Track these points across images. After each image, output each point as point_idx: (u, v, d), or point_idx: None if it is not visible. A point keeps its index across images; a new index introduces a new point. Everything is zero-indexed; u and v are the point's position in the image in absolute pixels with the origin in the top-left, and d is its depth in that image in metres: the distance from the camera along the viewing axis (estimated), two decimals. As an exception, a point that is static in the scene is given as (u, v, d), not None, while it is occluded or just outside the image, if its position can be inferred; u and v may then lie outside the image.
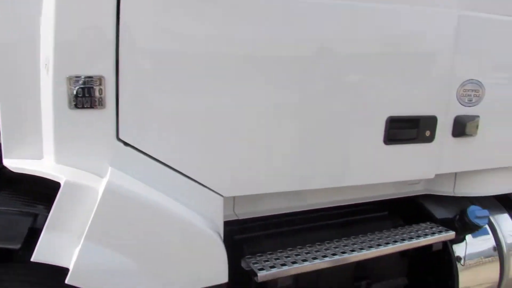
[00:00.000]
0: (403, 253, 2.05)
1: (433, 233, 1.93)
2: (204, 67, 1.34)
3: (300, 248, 1.73)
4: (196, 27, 1.31)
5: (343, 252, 1.70)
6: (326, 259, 1.64)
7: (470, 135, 1.87)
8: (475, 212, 1.98)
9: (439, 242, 1.94)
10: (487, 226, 2.24)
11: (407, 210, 2.24)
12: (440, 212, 2.16)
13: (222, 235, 1.50)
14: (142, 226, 1.32)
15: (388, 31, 1.61)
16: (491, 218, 2.30)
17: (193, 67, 1.33)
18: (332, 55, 1.52)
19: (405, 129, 1.71)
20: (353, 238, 1.85)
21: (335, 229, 1.96)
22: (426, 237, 1.88)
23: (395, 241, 1.82)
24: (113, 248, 1.29)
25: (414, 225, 2.02)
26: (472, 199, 2.34)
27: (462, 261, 2.07)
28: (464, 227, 2.02)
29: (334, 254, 1.68)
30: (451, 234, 1.94)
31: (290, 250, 1.71)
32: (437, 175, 2.07)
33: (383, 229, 2.00)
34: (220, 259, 1.44)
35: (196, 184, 1.43)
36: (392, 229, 1.98)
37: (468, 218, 1.98)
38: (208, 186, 1.45)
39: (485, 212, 1.99)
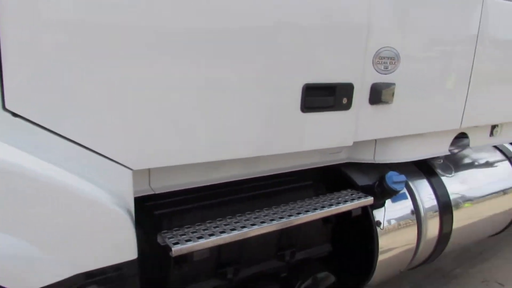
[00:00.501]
0: (326, 220, 2.10)
1: (353, 199, 1.98)
2: (102, 36, 1.23)
3: (219, 220, 1.70)
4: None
5: (262, 222, 1.70)
6: (244, 229, 1.63)
7: (386, 102, 1.91)
8: (392, 177, 2.05)
9: (358, 208, 1.99)
10: (405, 191, 2.35)
11: (331, 178, 2.29)
12: (361, 179, 2.22)
13: (132, 211, 1.43)
14: (38, 205, 1.21)
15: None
16: (410, 184, 2.41)
17: (89, 36, 1.21)
18: (244, 22, 1.46)
19: (322, 97, 1.70)
20: (274, 207, 1.85)
21: (258, 200, 1.95)
22: (345, 204, 1.93)
23: (315, 209, 1.84)
24: (8, 233, 1.17)
25: (335, 193, 2.06)
26: (393, 166, 2.44)
27: (381, 225, 2.15)
28: (383, 192, 2.09)
29: (253, 225, 1.67)
30: (369, 200, 2.00)
31: (209, 223, 1.67)
32: (357, 143, 2.12)
33: (308, 197, 2.02)
34: (128, 236, 1.37)
35: (100, 156, 1.33)
36: (314, 197, 2.00)
37: (386, 183, 2.05)
38: (113, 158, 1.35)
39: (402, 177, 2.07)
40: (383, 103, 1.90)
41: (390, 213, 2.23)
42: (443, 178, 2.55)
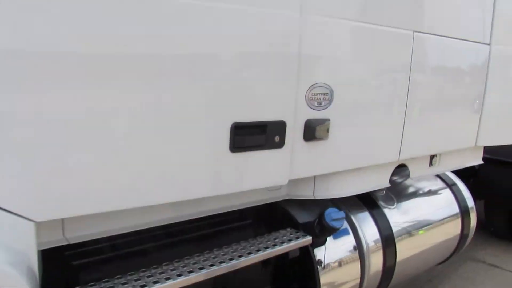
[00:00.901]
0: (266, 262, 2.00)
1: (290, 240, 1.89)
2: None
3: (143, 271, 1.56)
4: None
5: (191, 271, 1.57)
6: (169, 282, 1.50)
7: (321, 138, 1.86)
8: (331, 214, 2.00)
9: (296, 249, 1.90)
10: (347, 227, 2.30)
11: (273, 216, 2.21)
12: (302, 216, 2.16)
13: (35, 267, 1.27)
14: None
15: (230, 32, 1.52)
16: (352, 218, 2.37)
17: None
18: (163, 55, 1.37)
19: (253, 136, 1.63)
20: (206, 253, 1.73)
21: (191, 244, 1.83)
22: (282, 246, 1.84)
23: (249, 253, 1.74)
24: None
25: (273, 233, 1.98)
26: (336, 201, 2.40)
27: (322, 264, 2.08)
28: (322, 230, 2.03)
29: (179, 275, 1.54)
30: (307, 240, 1.93)
31: (131, 275, 1.53)
32: (296, 180, 2.06)
33: (247, 238, 1.93)
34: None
35: (-6, 209, 1.18)
36: (249, 240, 1.90)
37: (325, 221, 1.99)
38: (9, 209, 1.20)
39: (341, 214, 2.02)
40: (318, 139, 1.86)
41: (331, 250, 2.17)
42: (385, 210, 2.54)
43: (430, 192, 2.99)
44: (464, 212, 3.04)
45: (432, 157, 2.74)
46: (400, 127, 2.27)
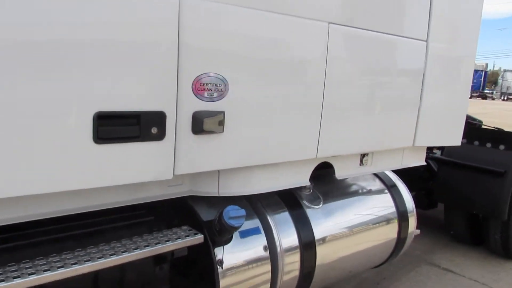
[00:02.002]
0: (161, 260, 1.90)
1: (178, 238, 1.78)
2: None
3: (24, 263, 1.47)
4: None
5: (60, 267, 1.47)
6: (47, 273, 1.41)
7: (213, 131, 1.76)
8: (229, 212, 1.89)
9: (183, 248, 1.79)
10: (259, 226, 2.19)
11: (178, 213, 2.10)
12: (207, 214, 2.05)
13: None
14: None
15: (96, 16, 1.41)
16: (269, 217, 2.26)
17: None
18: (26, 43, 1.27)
19: (122, 126, 1.52)
20: (90, 248, 1.63)
21: (85, 239, 1.74)
22: (165, 244, 1.73)
23: (125, 251, 1.63)
24: None
25: (165, 230, 1.86)
26: (255, 199, 2.29)
27: (223, 264, 1.96)
28: (221, 229, 1.91)
29: (46, 270, 1.44)
30: (197, 238, 1.82)
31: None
32: (199, 175, 1.96)
33: (142, 234, 1.82)
34: None
35: None
36: (142, 236, 1.80)
37: (223, 219, 1.88)
38: None
39: (240, 212, 1.91)
40: (209, 132, 1.75)
41: (237, 250, 2.06)
42: (308, 210, 2.43)
43: (365, 193, 2.88)
44: (402, 215, 2.93)
45: (363, 156, 2.63)
46: (316, 124, 2.16)
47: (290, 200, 2.41)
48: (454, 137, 3.04)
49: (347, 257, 2.58)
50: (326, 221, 2.48)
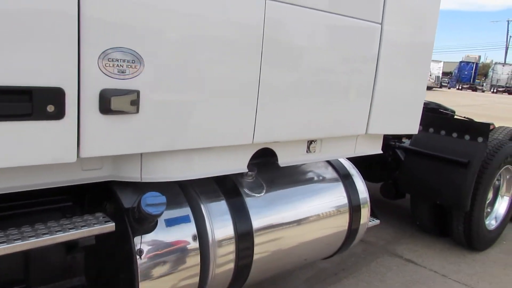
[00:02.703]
0: (73, 249, 1.77)
1: (84, 226, 1.65)
2: None
3: None
4: None
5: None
6: None
7: (124, 112, 1.61)
8: (146, 199, 1.76)
9: (90, 237, 1.66)
10: (190, 213, 2.07)
11: (102, 199, 1.97)
12: (131, 200, 1.91)
13: None
14: None
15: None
16: (202, 205, 2.14)
17: None
18: None
19: (11, 103, 1.37)
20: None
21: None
22: (69, 232, 1.59)
23: (18, 239, 1.49)
24: None
25: (75, 217, 1.73)
26: (189, 185, 2.16)
27: (142, 254, 1.84)
28: (140, 216, 1.79)
29: None
30: (106, 227, 1.69)
31: None
32: (119, 158, 1.83)
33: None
34: None
35: None
36: (46, 222, 1.66)
37: (141, 206, 1.75)
38: None
39: (159, 199, 1.78)
40: (119, 113, 1.60)
41: (162, 239, 1.93)
42: (248, 199, 2.31)
43: (314, 181, 2.77)
44: (354, 205, 2.82)
45: (310, 142, 2.51)
46: (252, 107, 2.03)
47: (228, 188, 2.29)
48: (410, 125, 2.93)
49: (289, 248, 2.48)
50: (267, 210, 2.37)
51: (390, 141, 4.51)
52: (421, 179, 4.18)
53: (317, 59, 2.28)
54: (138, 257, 1.84)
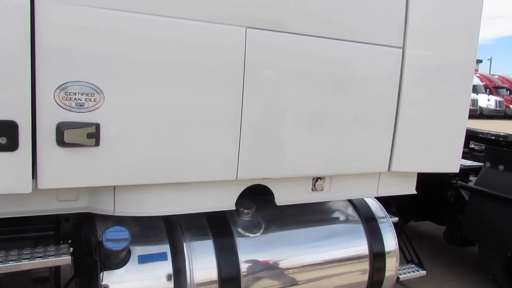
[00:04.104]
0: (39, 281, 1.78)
1: (41, 257, 1.65)
2: None
3: None
4: None
5: None
6: None
7: (81, 144, 1.61)
8: (107, 234, 1.72)
9: (44, 269, 1.65)
10: (168, 251, 1.98)
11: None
12: (106, 233, 1.89)
13: None
14: None
15: None
16: (185, 244, 2.04)
17: None
18: None
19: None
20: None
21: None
22: (21, 262, 1.61)
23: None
24: None
25: (41, 247, 1.75)
26: (176, 220, 2.09)
27: (108, 292, 1.79)
28: (102, 251, 1.75)
29: None
30: (60, 260, 1.67)
31: None
32: (95, 190, 1.83)
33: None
34: None
35: None
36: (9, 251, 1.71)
37: (102, 240, 1.72)
38: None
39: (122, 235, 1.74)
40: (76, 145, 1.61)
41: (132, 276, 1.87)
42: (239, 239, 2.15)
43: (326, 223, 2.48)
44: (376, 254, 2.47)
45: (316, 180, 2.28)
46: (233, 140, 1.91)
47: (219, 225, 2.16)
48: (448, 162, 2.52)
49: None
50: (261, 254, 2.17)
51: (451, 179, 3.96)
52: (488, 225, 3.56)
53: (320, 88, 2.09)
54: (103, 294, 1.81)
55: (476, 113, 26.72)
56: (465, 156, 4.69)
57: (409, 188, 2.61)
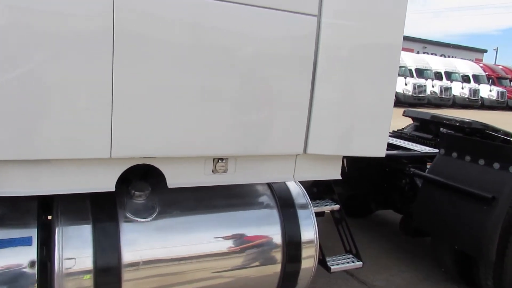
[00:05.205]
0: None
1: None
2: None
3: None
4: None
5: None
6: None
7: None
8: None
9: None
10: (34, 235, 1.79)
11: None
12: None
13: None
14: None
15: None
16: (57, 226, 1.83)
17: None
18: None
19: None
20: None
21: None
22: None
23: None
24: None
25: None
26: (54, 199, 1.89)
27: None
28: None
29: None
30: None
31: None
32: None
33: None
34: None
35: None
36: None
37: None
38: None
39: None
40: None
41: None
42: (125, 224, 1.94)
43: (234, 207, 2.26)
44: (290, 244, 2.26)
45: (217, 161, 2.06)
46: (103, 114, 1.68)
47: (102, 208, 1.95)
48: (373, 146, 2.29)
49: None
50: (150, 241, 1.97)
51: (405, 166, 3.75)
52: (438, 216, 3.35)
53: (211, 59, 1.85)
54: None
55: (477, 104, 26.24)
56: (428, 143, 4.48)
57: (333, 172, 2.39)
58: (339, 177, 2.42)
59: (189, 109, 1.85)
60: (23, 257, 1.73)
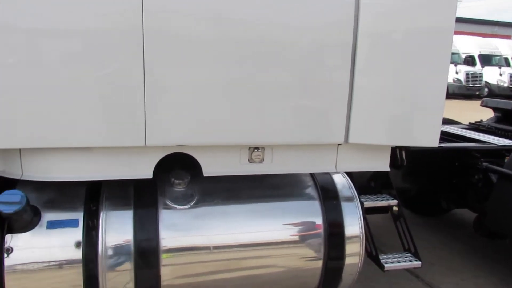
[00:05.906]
0: None
1: None
2: None
3: None
4: None
5: None
6: None
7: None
8: (1, 197, 1.69)
9: None
10: (80, 218, 1.92)
11: None
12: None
13: None
14: None
15: None
16: (101, 211, 1.96)
17: None
18: None
19: None
20: None
21: None
22: None
23: None
24: None
25: None
26: (102, 185, 2.03)
27: (11, 252, 1.78)
28: (-1, 214, 1.74)
29: None
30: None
31: None
32: (5, 154, 1.82)
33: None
34: None
35: None
36: None
37: (-6, 204, 1.70)
38: None
39: (14, 198, 1.70)
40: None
41: (37, 241, 1.84)
42: (164, 211, 2.01)
43: (276, 199, 2.21)
44: (332, 238, 2.16)
45: (252, 150, 2.03)
46: (137, 104, 1.76)
47: (144, 195, 2.04)
48: (424, 136, 2.10)
49: (214, 281, 2.04)
50: (188, 228, 2.01)
51: (477, 159, 3.38)
52: (515, 216, 2.98)
53: (245, 49, 1.83)
54: (5, 254, 1.80)
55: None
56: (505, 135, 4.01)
57: (380, 164, 2.24)
58: (388, 169, 2.26)
59: (221, 98, 1.86)
60: (70, 238, 1.88)
